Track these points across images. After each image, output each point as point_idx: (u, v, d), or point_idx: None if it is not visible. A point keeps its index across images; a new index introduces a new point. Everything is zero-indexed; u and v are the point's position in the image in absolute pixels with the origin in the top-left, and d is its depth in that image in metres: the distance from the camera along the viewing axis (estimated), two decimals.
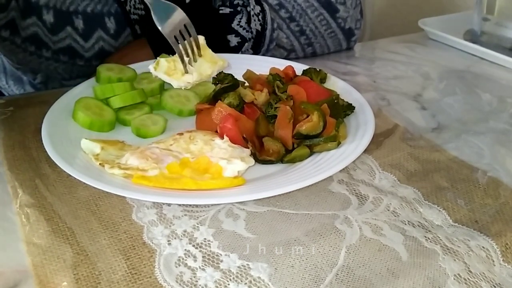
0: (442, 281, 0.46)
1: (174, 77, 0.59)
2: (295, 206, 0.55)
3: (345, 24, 0.92)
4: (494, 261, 0.49)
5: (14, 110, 0.73)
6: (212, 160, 0.58)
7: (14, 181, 0.58)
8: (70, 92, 0.71)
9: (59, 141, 0.60)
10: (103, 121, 0.66)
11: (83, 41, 0.83)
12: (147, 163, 0.57)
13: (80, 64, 0.86)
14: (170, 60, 0.61)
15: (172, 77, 0.59)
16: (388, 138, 0.68)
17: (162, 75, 0.59)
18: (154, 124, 0.66)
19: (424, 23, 1.06)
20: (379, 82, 0.86)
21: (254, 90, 0.67)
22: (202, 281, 0.45)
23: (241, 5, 0.85)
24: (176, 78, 0.59)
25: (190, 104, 0.70)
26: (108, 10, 0.83)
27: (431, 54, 0.99)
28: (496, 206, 0.56)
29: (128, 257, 0.48)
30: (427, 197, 0.57)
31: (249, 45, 0.84)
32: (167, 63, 0.60)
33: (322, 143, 0.61)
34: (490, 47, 0.95)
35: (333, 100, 0.66)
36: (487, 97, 0.82)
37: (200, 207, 0.54)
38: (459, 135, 0.70)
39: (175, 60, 0.60)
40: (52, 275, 0.46)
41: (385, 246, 0.50)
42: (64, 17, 0.81)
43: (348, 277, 0.46)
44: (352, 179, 0.59)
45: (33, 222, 0.52)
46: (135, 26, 0.85)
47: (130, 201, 0.55)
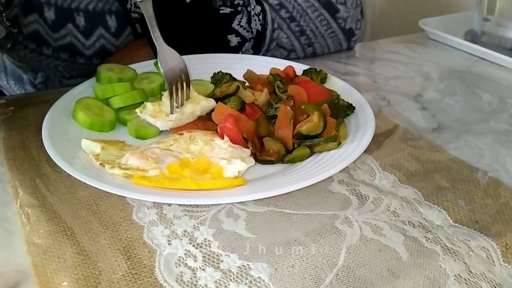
0: (443, 281, 0.46)
1: (158, 119, 0.64)
2: (295, 206, 0.55)
3: (346, 24, 0.92)
4: (495, 262, 0.49)
5: (14, 110, 0.73)
6: (212, 160, 0.58)
7: (14, 181, 0.58)
8: (71, 92, 0.71)
9: (59, 141, 0.60)
10: (103, 121, 0.66)
11: (84, 38, 0.83)
12: (147, 163, 0.57)
13: (81, 62, 0.86)
14: (155, 104, 0.66)
15: (156, 118, 0.64)
16: (389, 138, 0.68)
17: (148, 117, 0.65)
18: (152, 124, 0.66)
19: (424, 23, 1.06)
20: (380, 82, 0.86)
21: (254, 91, 0.67)
22: (202, 281, 0.45)
23: (241, 5, 0.85)
24: (160, 119, 0.64)
25: None
26: (109, 8, 0.83)
27: (431, 54, 0.99)
28: (497, 206, 0.56)
29: (128, 257, 0.48)
30: (427, 197, 0.57)
31: (250, 45, 0.84)
32: (152, 106, 0.66)
33: (323, 143, 0.61)
34: (491, 47, 0.95)
35: (333, 100, 0.66)
36: (487, 98, 0.82)
37: (201, 207, 0.54)
38: (460, 135, 0.70)
39: (160, 104, 0.66)
40: (52, 275, 0.46)
41: (385, 246, 0.50)
42: (65, 15, 0.81)
43: (348, 277, 0.46)
44: (353, 179, 0.59)
45: (33, 222, 0.52)
46: (136, 25, 0.85)
47: (131, 201, 0.55)
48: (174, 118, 0.64)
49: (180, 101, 0.66)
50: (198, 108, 0.66)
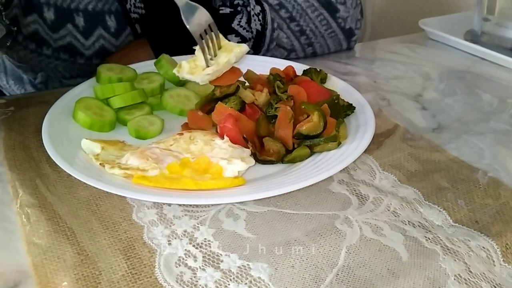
0: (443, 282, 0.46)
1: (196, 74, 0.64)
2: (295, 206, 0.55)
3: (345, 24, 0.92)
4: (495, 261, 0.49)
5: (14, 110, 0.73)
6: (212, 160, 0.58)
7: (14, 181, 0.58)
8: (71, 92, 0.71)
9: (59, 141, 0.60)
10: (103, 121, 0.66)
11: (84, 39, 0.83)
12: (147, 163, 0.57)
13: (81, 63, 0.86)
14: (190, 61, 0.65)
15: (194, 75, 0.64)
16: (389, 138, 0.68)
17: (186, 75, 0.64)
18: (151, 124, 0.66)
19: (424, 23, 1.06)
20: (380, 82, 0.86)
21: (254, 91, 0.67)
22: (202, 281, 0.45)
23: (241, 5, 0.85)
24: (198, 74, 0.64)
25: (190, 104, 0.70)
26: (109, 9, 0.83)
27: (431, 54, 0.99)
28: (497, 206, 0.56)
29: (128, 257, 0.48)
30: (427, 197, 0.57)
31: (250, 45, 0.84)
32: (188, 64, 0.65)
33: (323, 143, 0.61)
34: (491, 47, 0.95)
35: (333, 100, 0.66)
36: (487, 98, 0.82)
37: (201, 207, 0.54)
38: (460, 135, 0.70)
39: (194, 59, 0.65)
40: (52, 275, 0.46)
41: (385, 246, 0.50)
42: (65, 15, 0.81)
43: (348, 277, 0.46)
44: (353, 179, 0.59)
45: (33, 222, 0.52)
46: (135, 25, 0.85)
47: (131, 201, 0.55)
48: (212, 71, 0.64)
49: (213, 52, 0.66)
50: (233, 56, 0.66)
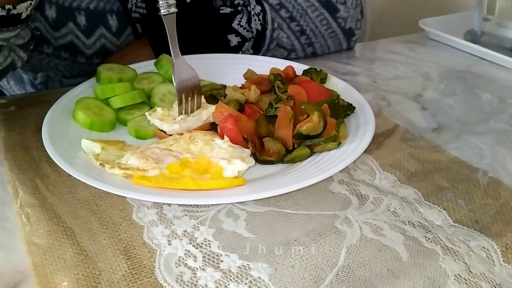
0: (443, 282, 0.46)
1: (165, 122, 0.65)
2: (295, 206, 0.55)
3: (346, 24, 0.92)
4: (495, 262, 0.49)
5: (14, 110, 0.73)
6: (212, 160, 0.58)
7: (14, 181, 0.58)
8: (71, 92, 0.71)
9: (59, 141, 0.60)
10: (103, 121, 0.66)
11: (85, 38, 0.83)
12: (147, 163, 0.57)
13: (81, 62, 0.86)
14: (165, 109, 0.67)
15: (163, 121, 0.65)
16: (389, 138, 0.68)
17: (155, 120, 0.65)
18: (151, 124, 0.66)
19: (424, 23, 1.06)
20: (380, 82, 0.86)
21: (243, 90, 0.67)
22: (202, 281, 0.45)
23: (241, 5, 0.85)
24: (167, 122, 0.65)
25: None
26: (110, 8, 0.83)
27: (431, 54, 0.99)
28: (497, 206, 0.56)
29: (128, 257, 0.48)
30: (427, 197, 0.57)
31: (250, 45, 0.84)
32: (162, 111, 0.66)
33: (323, 143, 0.61)
34: (491, 47, 0.95)
35: (333, 100, 0.66)
36: (487, 98, 0.82)
37: (201, 207, 0.54)
38: (460, 135, 0.70)
39: (170, 109, 0.67)
40: (52, 275, 0.46)
41: (385, 246, 0.50)
42: (66, 13, 0.81)
43: (348, 277, 0.46)
44: (353, 179, 0.59)
45: (33, 222, 0.52)
46: (137, 25, 0.85)
47: (131, 201, 0.55)
48: (179, 125, 0.64)
49: (190, 109, 0.67)
50: (205, 113, 0.66)
